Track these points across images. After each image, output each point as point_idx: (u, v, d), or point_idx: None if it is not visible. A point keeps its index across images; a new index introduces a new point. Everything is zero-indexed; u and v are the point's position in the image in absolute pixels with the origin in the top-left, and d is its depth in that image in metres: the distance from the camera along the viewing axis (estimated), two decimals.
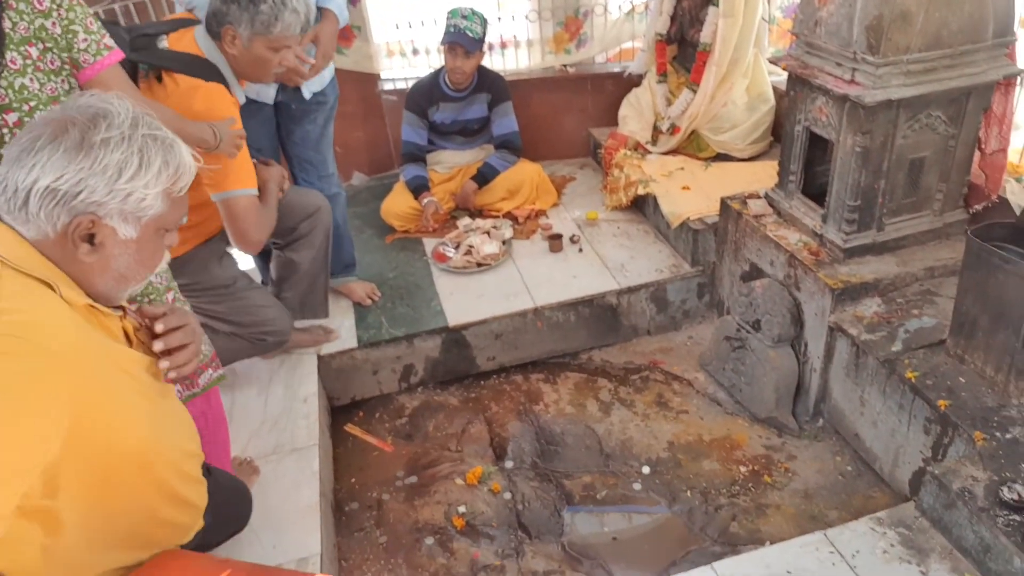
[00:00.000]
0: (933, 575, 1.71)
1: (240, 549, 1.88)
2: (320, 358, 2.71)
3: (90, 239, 1.08)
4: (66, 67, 1.56)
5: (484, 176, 3.49)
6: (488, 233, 3.32)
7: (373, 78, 3.96)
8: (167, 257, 1.22)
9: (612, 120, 3.92)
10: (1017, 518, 1.63)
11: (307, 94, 2.61)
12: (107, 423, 1.07)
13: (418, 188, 3.44)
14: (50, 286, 1.04)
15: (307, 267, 2.56)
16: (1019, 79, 2.33)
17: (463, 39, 3.22)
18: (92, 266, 1.09)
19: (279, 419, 2.42)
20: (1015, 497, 1.65)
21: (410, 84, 3.70)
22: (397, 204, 3.48)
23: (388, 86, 3.99)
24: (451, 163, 3.64)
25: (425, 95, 3.47)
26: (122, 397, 1.13)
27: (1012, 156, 2.52)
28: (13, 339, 0.96)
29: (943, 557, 1.75)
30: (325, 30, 2.51)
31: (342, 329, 2.84)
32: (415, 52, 3.98)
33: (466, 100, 3.47)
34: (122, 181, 1.05)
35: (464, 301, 2.95)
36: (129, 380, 1.15)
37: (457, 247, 3.26)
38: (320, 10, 2.52)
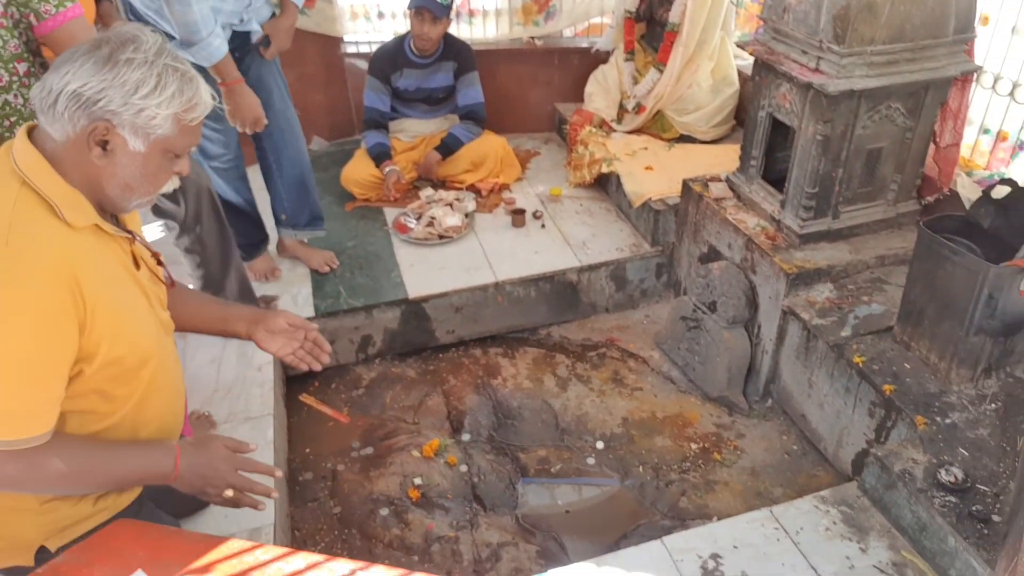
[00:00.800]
0: (872, 552, 1.79)
1: (192, 519, 1.86)
2: None
3: (103, 145, 1.19)
4: (24, 21, 1.49)
5: (448, 146, 3.45)
6: (451, 205, 3.29)
7: (336, 41, 3.86)
8: (175, 181, 1.32)
9: (578, 96, 3.91)
10: (953, 499, 1.71)
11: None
12: (123, 317, 1.25)
13: (380, 156, 3.39)
14: (52, 209, 1.17)
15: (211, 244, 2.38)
16: (975, 75, 2.39)
17: (431, 4, 3.16)
18: (103, 170, 1.21)
19: (232, 387, 2.38)
20: (952, 479, 1.73)
21: (374, 48, 3.62)
22: (358, 171, 3.42)
23: (351, 49, 3.90)
24: (414, 132, 3.59)
25: (389, 60, 3.40)
26: (134, 302, 1.31)
27: (964, 151, 2.60)
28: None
29: (882, 535, 1.83)
30: (282, 25, 2.50)
31: (299, 297, 2.80)
32: (380, 15, 3.90)
33: (431, 67, 3.42)
34: (137, 97, 1.16)
35: (425, 273, 2.94)
36: (139, 292, 1.33)
37: (419, 218, 3.23)
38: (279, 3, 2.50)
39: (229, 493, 1.37)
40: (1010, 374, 2.04)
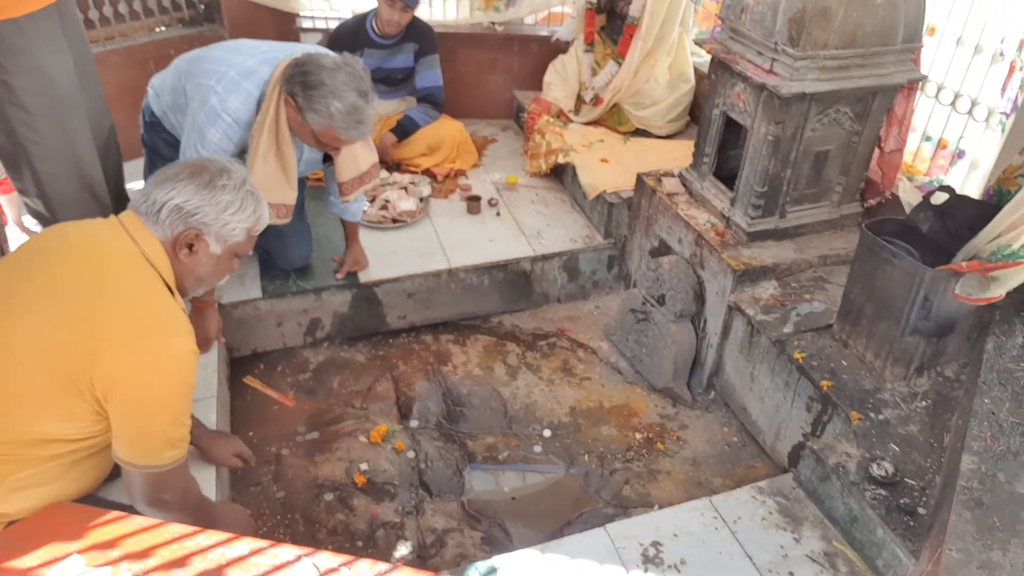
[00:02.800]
0: (805, 542, 1.86)
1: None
2: (221, 306, 2.61)
3: (190, 247, 1.51)
4: None
5: (404, 128, 3.41)
6: (406, 189, 3.26)
7: (291, 16, 3.77)
8: (229, 275, 1.65)
9: (536, 84, 3.91)
10: (883, 492, 1.78)
11: None
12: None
13: None
14: (169, 289, 1.50)
15: None
16: (920, 84, 2.48)
17: None
18: (185, 266, 1.52)
19: None
20: (883, 473, 1.80)
21: (331, 25, 3.55)
22: None
23: (307, 24, 3.81)
24: None
25: (349, 39, 3.33)
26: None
27: (907, 156, 2.69)
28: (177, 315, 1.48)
29: (815, 525, 1.90)
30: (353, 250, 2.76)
31: (246, 278, 2.74)
32: None
33: (392, 49, 3.37)
34: (226, 214, 1.50)
35: (377, 257, 2.90)
36: None
37: (372, 200, 3.19)
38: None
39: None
40: (940, 373, 2.13)
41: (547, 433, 2.56)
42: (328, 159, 2.45)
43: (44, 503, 1.44)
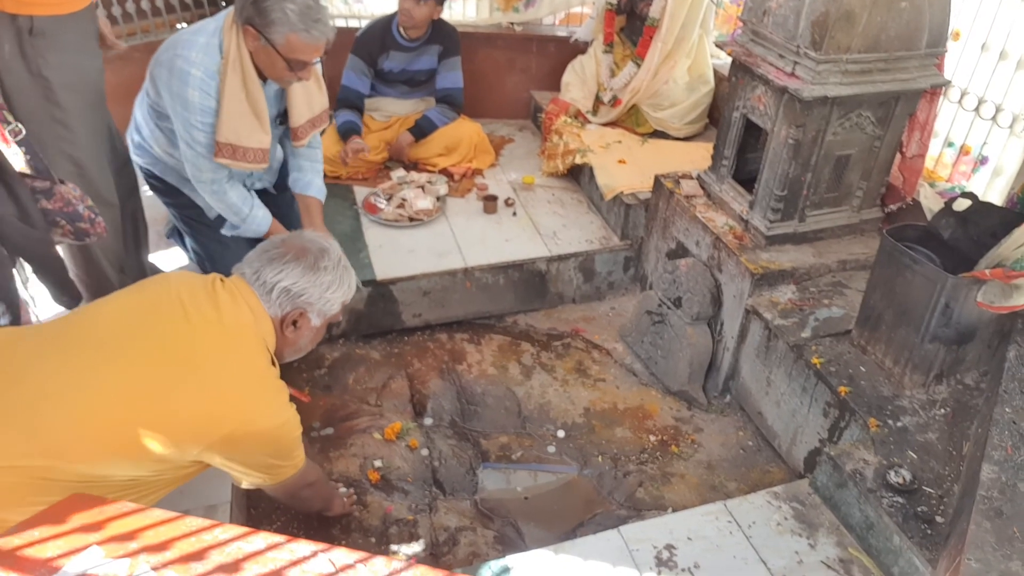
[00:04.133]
0: (820, 548, 1.84)
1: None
2: None
3: (295, 323, 1.61)
4: None
5: (421, 129, 3.42)
6: (423, 188, 3.27)
7: None
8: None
9: (554, 84, 3.91)
10: (900, 500, 1.77)
11: None
12: None
13: (348, 132, 3.33)
14: (273, 362, 1.61)
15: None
16: (944, 89, 2.45)
17: None
18: (288, 340, 1.64)
19: None
20: (900, 481, 1.79)
21: (350, 26, 3.56)
22: (326, 148, 3.36)
23: None
24: (389, 111, 3.55)
25: (376, 42, 3.35)
26: None
27: (928, 162, 2.67)
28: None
29: (830, 532, 1.89)
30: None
31: None
32: None
33: (417, 51, 3.38)
34: (328, 293, 1.61)
35: (393, 255, 2.91)
36: None
37: (389, 199, 3.20)
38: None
39: None
40: (960, 381, 2.11)
41: (561, 434, 2.56)
42: (284, 120, 2.46)
43: None
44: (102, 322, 1.49)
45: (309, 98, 2.42)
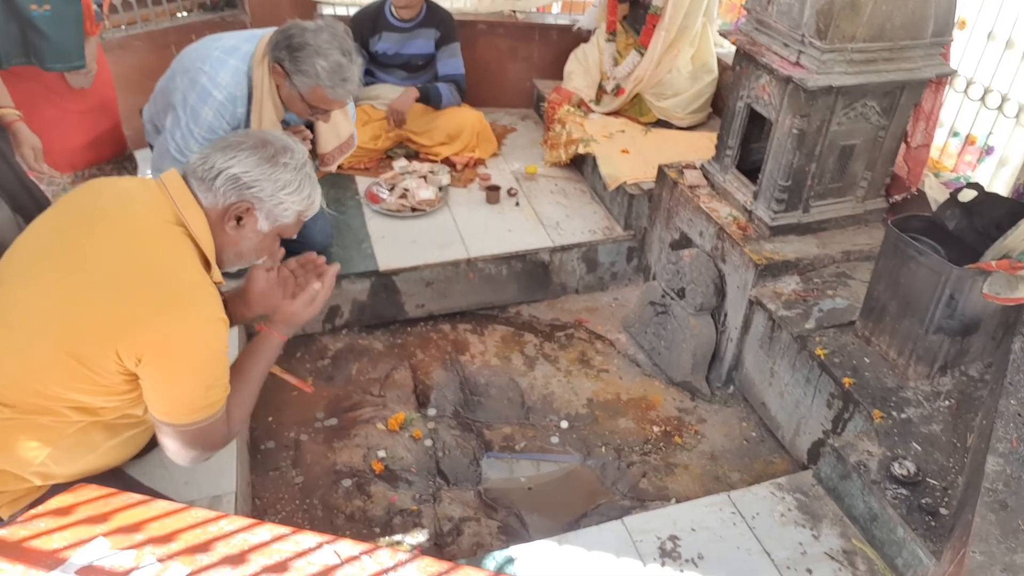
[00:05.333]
0: (824, 539, 1.85)
1: (151, 485, 1.83)
2: None
3: (238, 219, 1.47)
4: None
5: (428, 94, 3.38)
6: (425, 178, 3.26)
7: (311, 3, 3.77)
8: (266, 257, 1.60)
9: (557, 73, 3.88)
10: (904, 492, 1.77)
11: None
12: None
13: None
14: (208, 264, 1.47)
15: None
16: (949, 79, 2.44)
17: None
18: (229, 238, 1.48)
19: None
20: (904, 472, 1.79)
21: (351, 11, 3.54)
22: None
23: (327, 10, 3.81)
24: (390, 98, 3.52)
25: (368, 23, 3.33)
26: None
27: (933, 152, 2.65)
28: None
29: (834, 523, 1.89)
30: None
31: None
32: None
33: (411, 33, 3.36)
34: (283, 193, 1.46)
35: (396, 245, 2.91)
36: None
37: (392, 189, 3.19)
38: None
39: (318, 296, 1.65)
40: (964, 372, 2.10)
41: (564, 424, 2.56)
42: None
43: (90, 469, 1.49)
44: (23, 249, 1.44)
45: (335, 125, 2.44)
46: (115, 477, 1.60)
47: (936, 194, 2.38)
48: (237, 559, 1.21)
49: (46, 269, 1.38)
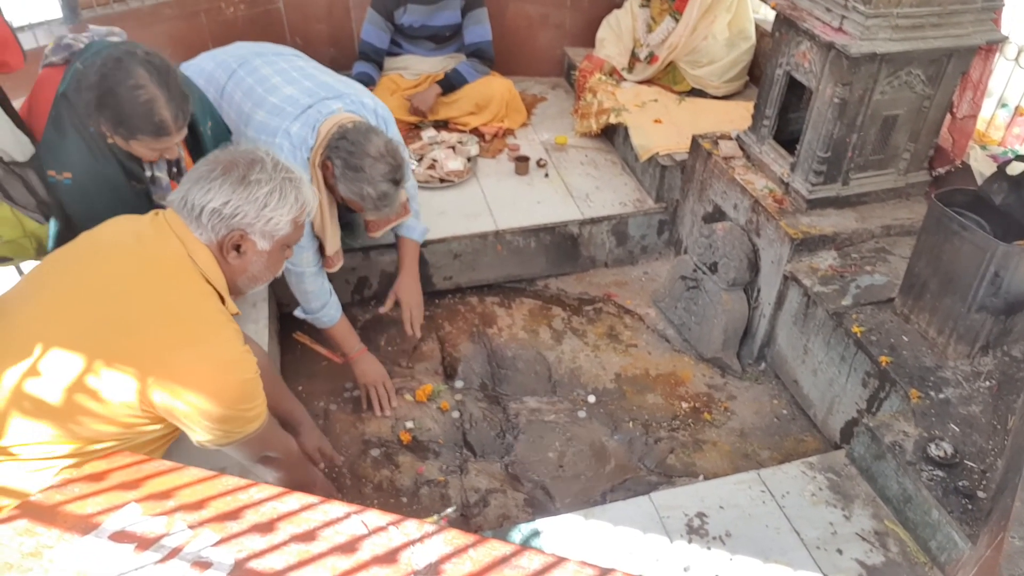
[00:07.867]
0: (855, 519, 1.82)
1: (182, 452, 1.86)
2: None
3: (237, 248, 1.45)
4: None
5: (451, 82, 3.36)
6: (453, 148, 3.23)
7: None
8: (284, 266, 1.59)
9: (589, 41, 3.80)
10: (940, 473, 1.73)
11: None
12: None
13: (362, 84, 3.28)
14: (221, 298, 1.46)
15: None
16: (1000, 46, 2.33)
17: None
18: (236, 267, 1.47)
19: None
20: (941, 454, 1.74)
21: None
22: None
23: None
24: (417, 69, 3.49)
25: None
26: None
27: (980, 124, 2.55)
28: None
29: (866, 504, 1.85)
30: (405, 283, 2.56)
31: None
32: None
33: (437, 4, 3.30)
34: (267, 210, 1.43)
35: (424, 217, 2.86)
36: None
37: (420, 159, 3.17)
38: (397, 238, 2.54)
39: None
40: (1007, 353, 2.04)
41: (592, 399, 2.54)
42: None
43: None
44: (46, 289, 1.43)
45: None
46: None
47: (982, 167, 2.29)
48: (266, 527, 1.22)
49: (62, 305, 1.38)
